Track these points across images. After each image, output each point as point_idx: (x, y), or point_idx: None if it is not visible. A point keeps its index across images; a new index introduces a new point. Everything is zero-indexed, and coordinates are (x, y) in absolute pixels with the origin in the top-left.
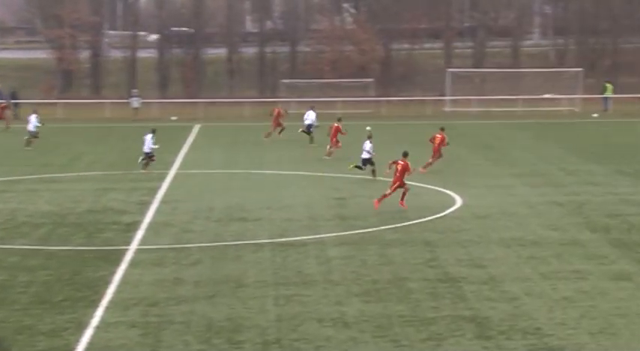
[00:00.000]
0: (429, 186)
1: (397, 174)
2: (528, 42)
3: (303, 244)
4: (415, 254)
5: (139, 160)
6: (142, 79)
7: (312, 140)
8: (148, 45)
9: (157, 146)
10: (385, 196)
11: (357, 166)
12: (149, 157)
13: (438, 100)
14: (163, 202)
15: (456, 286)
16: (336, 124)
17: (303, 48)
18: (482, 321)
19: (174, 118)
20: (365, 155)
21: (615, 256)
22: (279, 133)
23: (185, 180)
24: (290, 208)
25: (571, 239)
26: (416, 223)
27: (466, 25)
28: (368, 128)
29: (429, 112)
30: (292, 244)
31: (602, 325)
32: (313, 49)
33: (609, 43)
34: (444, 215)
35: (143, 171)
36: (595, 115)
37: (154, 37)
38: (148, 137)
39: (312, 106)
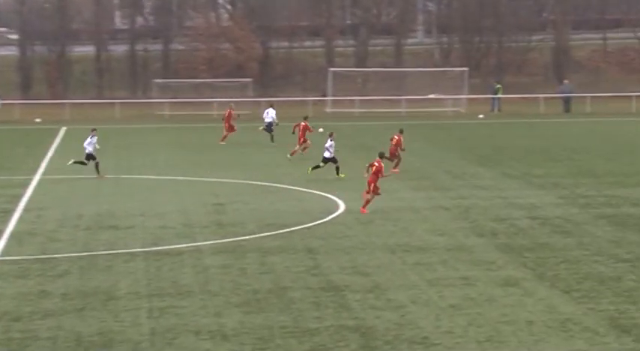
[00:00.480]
0: (312, 190)
1: (372, 175)
2: (412, 40)
3: (179, 252)
4: (297, 262)
5: (72, 160)
6: (3, 78)
7: (272, 139)
8: (9, 42)
9: (98, 147)
10: (367, 201)
11: (315, 167)
12: (93, 158)
13: (320, 100)
14: (27, 210)
15: (339, 294)
16: (303, 123)
17: (176, 46)
18: (367, 331)
19: (38, 120)
20: (327, 154)
21: (503, 261)
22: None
23: (51, 186)
24: (164, 215)
25: (458, 244)
26: (297, 229)
27: (348, 22)
28: (320, 129)
29: (310, 113)
30: (167, 253)
31: (489, 332)
32: (187, 47)
33: (494, 41)
34: (327, 221)
35: (96, 176)
36: (481, 116)
37: (14, 34)
38: (93, 139)
39: (271, 104)
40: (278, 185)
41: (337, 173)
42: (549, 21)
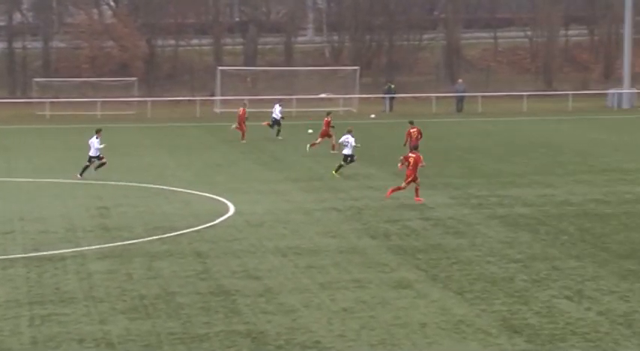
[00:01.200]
0: (200, 193)
1: (410, 167)
2: (302, 39)
3: (62, 258)
4: (185, 266)
5: (94, 167)
6: None
7: (278, 133)
8: None
9: (102, 146)
10: (400, 188)
11: (339, 167)
12: (99, 159)
13: (208, 100)
14: None
15: (229, 299)
16: (326, 119)
17: (57, 43)
18: (258, 336)
19: None
20: (347, 151)
21: (395, 263)
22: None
23: None
24: (46, 220)
25: (350, 247)
26: (185, 233)
27: (236, 20)
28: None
29: (198, 113)
30: (49, 259)
31: (382, 335)
32: (69, 44)
33: (385, 40)
34: (216, 224)
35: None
36: (372, 115)
37: None
38: (94, 140)
39: (279, 101)
40: (165, 187)
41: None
42: (440, 20)
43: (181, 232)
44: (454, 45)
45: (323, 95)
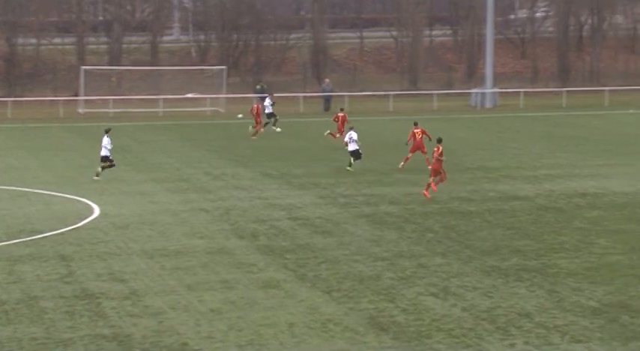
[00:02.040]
0: (63, 194)
1: (434, 160)
2: (168, 38)
3: None
4: (48, 270)
5: (102, 168)
6: None
7: (274, 123)
8: None
9: (110, 147)
10: (429, 185)
11: (350, 165)
12: (108, 160)
13: (71, 100)
14: None
15: (94, 302)
16: (341, 114)
17: None
18: (125, 339)
19: None
20: (353, 146)
21: (264, 263)
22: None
23: None
24: None
25: (218, 247)
26: (49, 235)
27: (100, 18)
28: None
29: (61, 113)
30: None
31: (250, 336)
32: None
33: (252, 39)
34: (81, 226)
35: (97, 178)
36: (240, 115)
37: None
38: (105, 140)
39: (270, 95)
40: (28, 190)
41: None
42: (307, 19)
43: (45, 235)
44: (320, 45)
45: (190, 95)
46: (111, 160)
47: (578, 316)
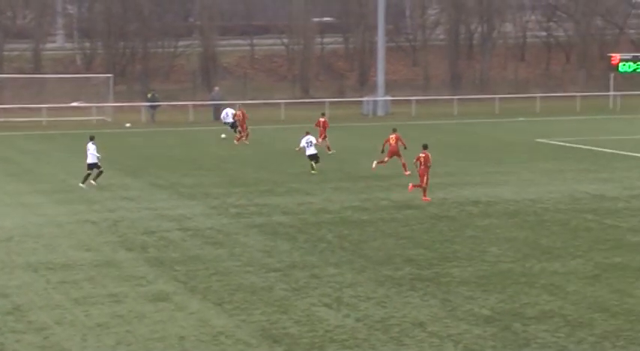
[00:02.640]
0: None
1: (422, 166)
2: (52, 45)
3: None
4: None
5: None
6: None
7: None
8: None
9: (98, 155)
10: (420, 185)
11: (313, 169)
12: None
13: None
14: None
15: None
16: (322, 119)
17: None
18: None
19: None
20: (311, 151)
21: (153, 275)
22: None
23: None
24: None
25: (106, 260)
26: None
27: None
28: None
29: None
30: None
31: (138, 350)
32: None
33: (140, 47)
34: None
35: (84, 185)
36: (128, 124)
37: None
38: (91, 147)
39: (230, 106)
40: None
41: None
42: (196, 27)
43: None
44: (210, 52)
45: (75, 104)
46: (99, 166)
47: (471, 325)
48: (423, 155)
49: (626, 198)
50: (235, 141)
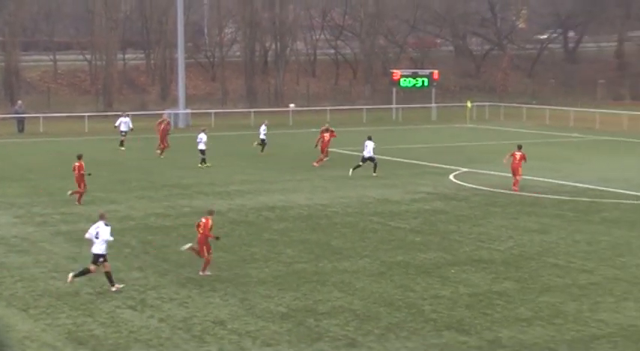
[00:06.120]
0: None
1: (516, 162)
2: None
3: None
4: None
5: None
6: None
7: (122, 144)
8: None
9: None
10: (517, 181)
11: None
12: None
13: None
14: None
15: None
16: (326, 133)
17: None
18: None
19: None
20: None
21: None
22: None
23: None
24: None
25: None
26: None
27: None
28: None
29: None
30: None
31: None
32: None
33: None
34: None
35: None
36: None
37: None
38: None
39: (126, 114)
40: None
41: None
42: None
43: None
44: (13, 67)
45: None
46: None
47: (268, 322)
48: (519, 153)
49: (407, 202)
50: (158, 150)
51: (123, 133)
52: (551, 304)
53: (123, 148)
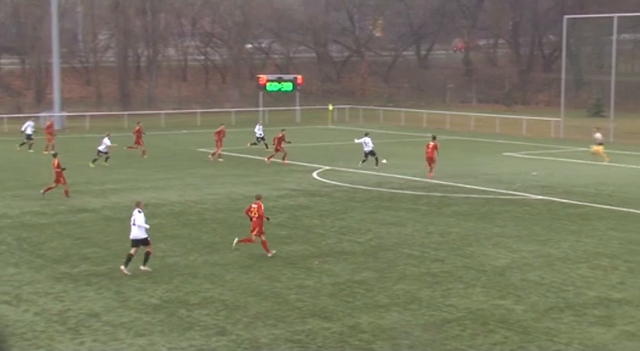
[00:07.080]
0: None
1: (429, 152)
2: None
3: None
4: None
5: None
6: None
7: (30, 147)
8: None
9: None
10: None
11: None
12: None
13: None
14: None
15: None
16: (280, 134)
17: None
18: None
19: None
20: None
21: None
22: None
23: None
24: None
25: None
26: None
27: None
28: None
29: None
30: None
31: None
32: None
33: None
34: None
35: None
36: None
37: None
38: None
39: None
40: None
41: (376, 164)
42: None
43: None
44: None
45: None
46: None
47: (141, 313)
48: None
49: (274, 198)
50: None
51: (28, 137)
52: (406, 291)
53: (32, 151)
